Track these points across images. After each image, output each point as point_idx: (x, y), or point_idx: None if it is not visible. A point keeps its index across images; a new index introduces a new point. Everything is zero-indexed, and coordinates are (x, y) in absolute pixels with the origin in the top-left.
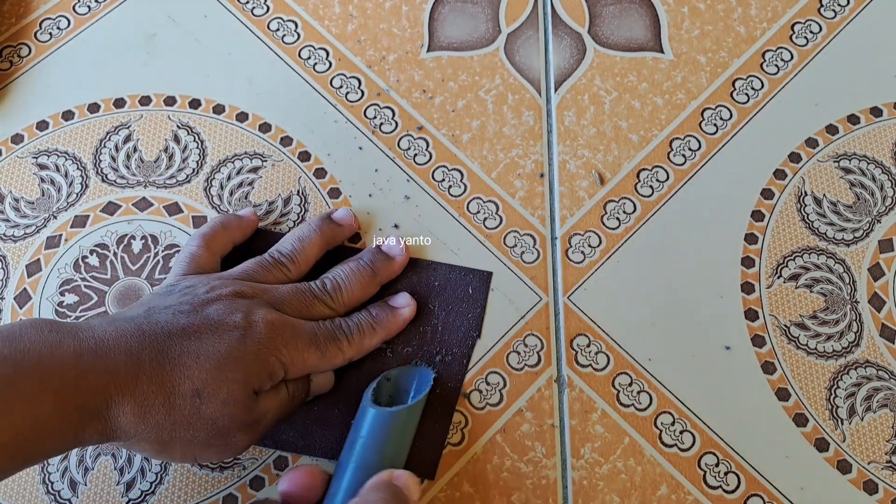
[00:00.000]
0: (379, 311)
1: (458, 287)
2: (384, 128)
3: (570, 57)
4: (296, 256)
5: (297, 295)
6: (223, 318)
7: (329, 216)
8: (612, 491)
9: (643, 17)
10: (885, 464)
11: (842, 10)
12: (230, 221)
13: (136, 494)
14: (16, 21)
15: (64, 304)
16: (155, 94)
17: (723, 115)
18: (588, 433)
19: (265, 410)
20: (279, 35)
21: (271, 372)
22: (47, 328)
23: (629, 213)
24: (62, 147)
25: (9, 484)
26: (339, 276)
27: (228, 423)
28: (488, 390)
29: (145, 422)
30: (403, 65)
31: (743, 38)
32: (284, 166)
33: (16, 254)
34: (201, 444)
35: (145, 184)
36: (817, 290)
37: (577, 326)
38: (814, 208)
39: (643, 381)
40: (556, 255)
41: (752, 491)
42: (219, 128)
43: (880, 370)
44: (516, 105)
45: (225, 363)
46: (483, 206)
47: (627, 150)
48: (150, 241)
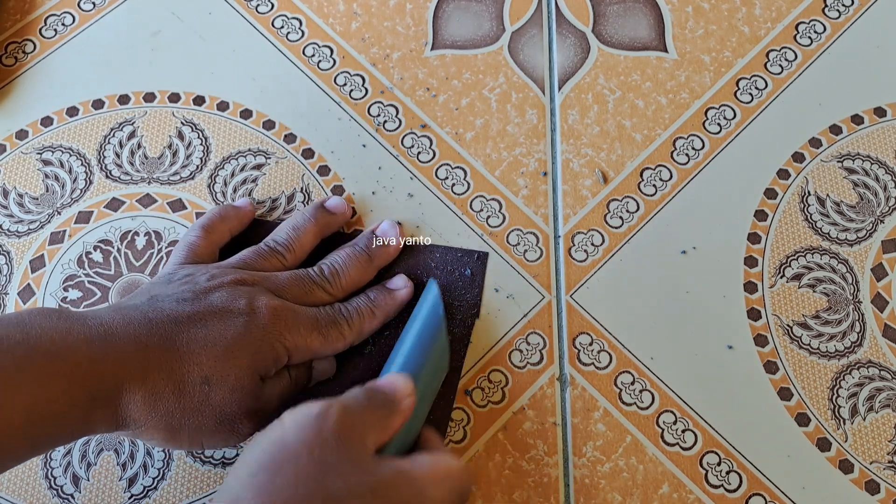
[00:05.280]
0: (377, 294)
1: (456, 269)
2: (388, 125)
3: (573, 56)
4: (291, 245)
5: (297, 281)
6: (227, 304)
7: (322, 205)
8: (613, 489)
9: (647, 17)
10: (888, 464)
11: (846, 11)
12: (228, 212)
13: (138, 489)
14: (21, 17)
15: (67, 300)
16: (159, 90)
17: (727, 115)
18: (590, 431)
19: (270, 397)
20: (283, 32)
21: (276, 357)
22: (56, 315)
23: (632, 211)
24: (66, 143)
25: (12, 479)
26: (336, 261)
27: (236, 410)
28: (490, 388)
29: (155, 410)
30: (407, 63)
31: (747, 38)
32: (288, 163)
33: (20, 249)
34: (209, 431)
35: (149, 180)
36: (820, 290)
37: (579, 325)
38: (817, 208)
39: (645, 379)
40: (559, 254)
41: (754, 490)
42: (223, 125)
43: (883, 370)
44: (520, 103)
45: (231, 349)
46: (486, 204)
47: (631, 149)
48: (153, 237)
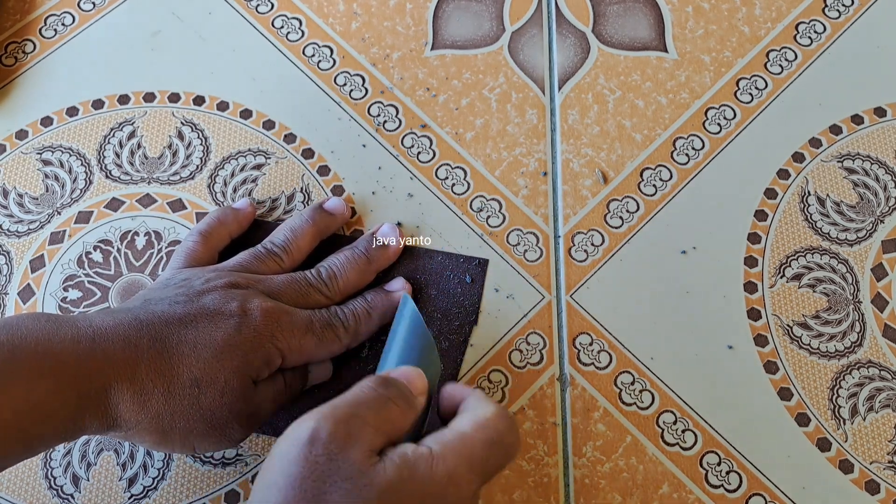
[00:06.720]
0: (374, 297)
1: (455, 274)
2: (388, 125)
3: (573, 56)
4: (289, 247)
5: (293, 284)
6: (219, 307)
7: (321, 206)
8: (613, 489)
9: (647, 17)
10: (888, 464)
11: (846, 11)
12: (227, 216)
13: (138, 490)
14: (20, 17)
15: (67, 300)
16: (159, 90)
17: (727, 115)
18: (590, 431)
19: (263, 400)
20: (283, 32)
21: (268, 359)
22: (44, 318)
23: (632, 211)
24: (66, 143)
25: (11, 479)
26: (334, 264)
27: (226, 414)
28: (490, 388)
29: (145, 411)
30: (407, 63)
31: (747, 38)
32: (288, 163)
33: (20, 249)
34: (200, 434)
35: (149, 180)
36: (820, 290)
37: (579, 325)
38: (817, 208)
39: (645, 379)
40: (559, 254)
41: (754, 490)
42: (223, 125)
43: (883, 370)
44: (520, 103)
45: (222, 352)
46: (486, 204)
47: (631, 149)
48: (153, 237)
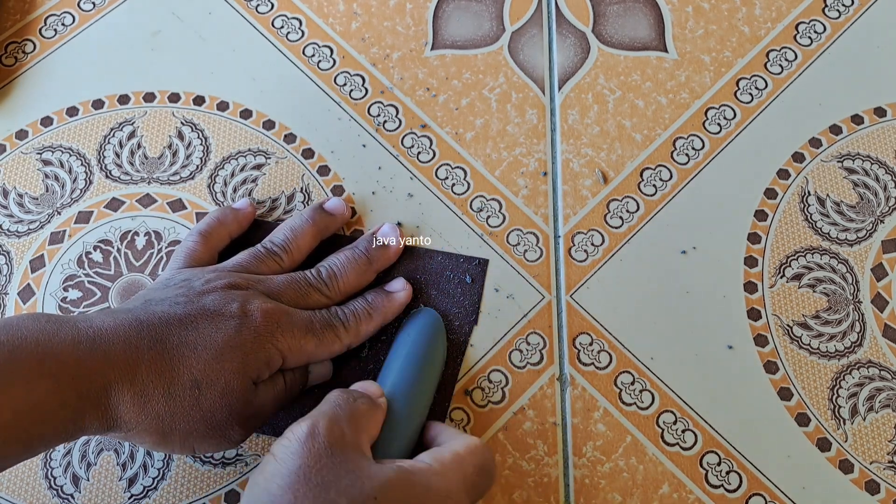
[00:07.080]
0: (375, 297)
1: (456, 274)
2: (388, 125)
3: (573, 56)
4: (289, 246)
5: (293, 284)
6: (219, 308)
7: (321, 206)
8: (613, 489)
9: (647, 17)
10: (888, 464)
11: (846, 11)
12: (227, 217)
13: (138, 490)
14: (20, 17)
15: (67, 300)
16: (159, 90)
17: (727, 115)
18: (590, 431)
19: (263, 402)
20: (283, 32)
21: (269, 360)
22: (44, 319)
23: (632, 211)
24: (66, 143)
25: (11, 479)
26: (334, 264)
27: (227, 415)
28: (490, 388)
29: (145, 412)
30: (407, 63)
31: (747, 38)
32: (288, 163)
33: (20, 249)
34: (200, 436)
35: (149, 180)
36: (820, 290)
37: (579, 325)
38: (817, 208)
39: (645, 379)
40: (559, 254)
41: (754, 490)
42: (223, 125)
43: (883, 370)
44: (520, 103)
45: (222, 353)
46: (486, 204)
47: (631, 149)
48: (153, 237)
